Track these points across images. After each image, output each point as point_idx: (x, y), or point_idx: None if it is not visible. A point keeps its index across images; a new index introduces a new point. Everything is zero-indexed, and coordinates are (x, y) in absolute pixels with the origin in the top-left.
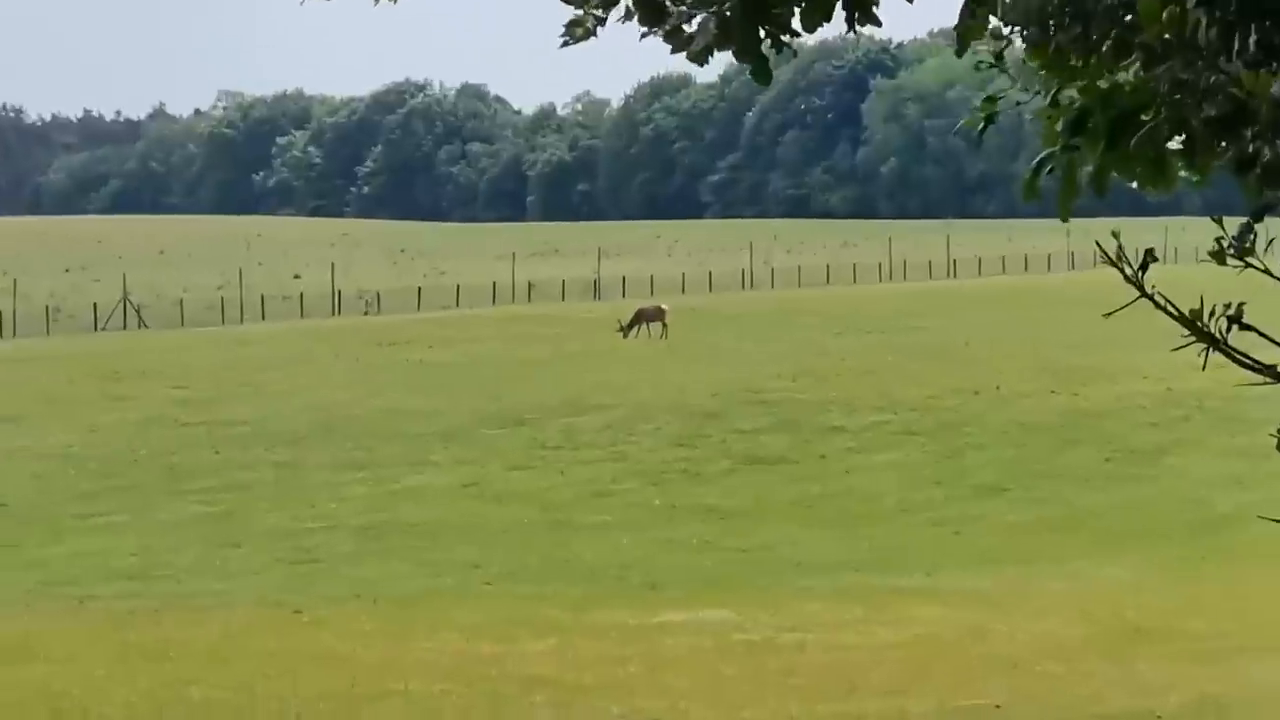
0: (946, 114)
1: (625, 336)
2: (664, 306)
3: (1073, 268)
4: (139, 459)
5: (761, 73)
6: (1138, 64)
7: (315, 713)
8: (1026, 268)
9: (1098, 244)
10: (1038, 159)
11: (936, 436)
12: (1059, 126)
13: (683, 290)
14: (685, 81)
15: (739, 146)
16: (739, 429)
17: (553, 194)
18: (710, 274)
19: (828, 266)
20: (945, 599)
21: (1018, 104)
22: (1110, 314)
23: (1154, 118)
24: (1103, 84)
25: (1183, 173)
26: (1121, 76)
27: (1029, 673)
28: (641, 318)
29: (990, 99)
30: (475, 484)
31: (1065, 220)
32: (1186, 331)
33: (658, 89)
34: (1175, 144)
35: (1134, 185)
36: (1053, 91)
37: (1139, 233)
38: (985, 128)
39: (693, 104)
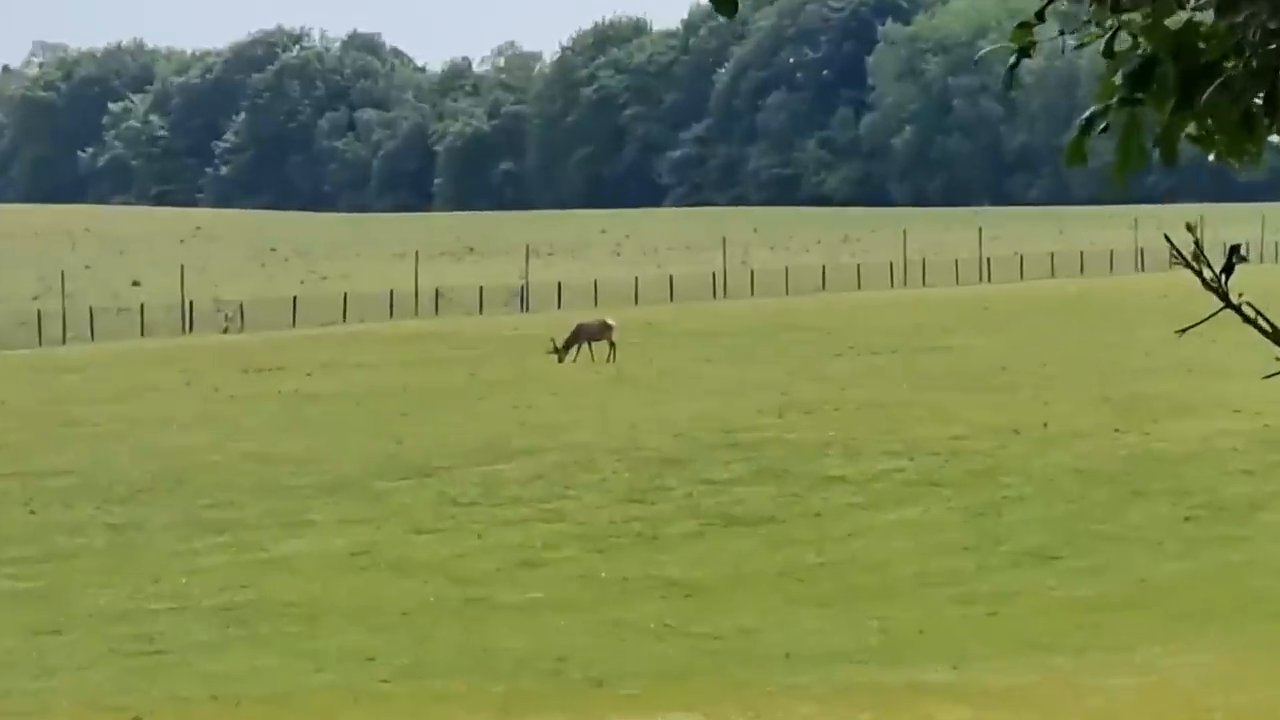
0: (977, 70)
1: (561, 360)
2: (611, 321)
3: (1141, 268)
4: None
5: (725, 0)
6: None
7: None
8: (1082, 269)
9: (1167, 238)
10: (1088, 113)
11: (965, 488)
12: (1117, 79)
13: (635, 300)
14: (638, 29)
15: (708, 113)
16: (709, 479)
17: (467, 175)
18: (671, 278)
19: (824, 268)
20: (976, 698)
21: (1060, 33)
22: (1185, 330)
23: (1239, 68)
24: (1171, 23)
25: (1274, 139)
26: (1197, 15)
27: None
28: (582, 335)
29: (1024, 25)
30: (367, 551)
31: (1119, 188)
32: None
33: (602, 39)
34: (1259, 102)
35: (1211, 157)
36: (1109, 33)
37: (1226, 223)
38: (1017, 63)
39: (648, 57)
